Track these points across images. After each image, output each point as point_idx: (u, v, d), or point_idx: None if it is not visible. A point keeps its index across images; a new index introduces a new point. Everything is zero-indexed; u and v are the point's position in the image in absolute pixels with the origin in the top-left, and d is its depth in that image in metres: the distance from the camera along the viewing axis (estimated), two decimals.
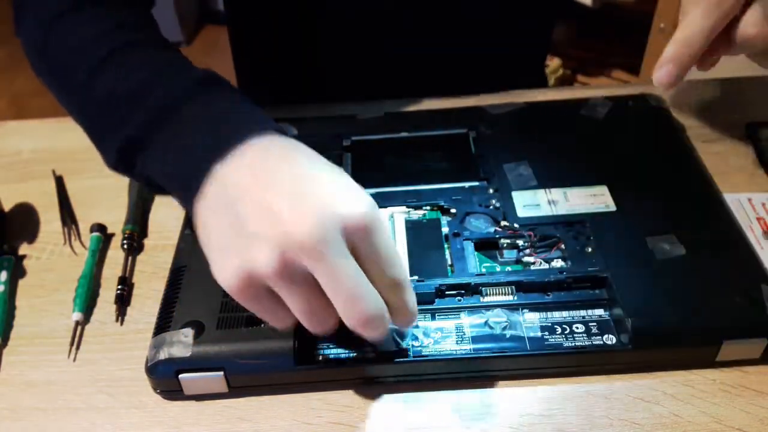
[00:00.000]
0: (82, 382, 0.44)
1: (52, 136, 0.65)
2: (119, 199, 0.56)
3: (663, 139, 0.55)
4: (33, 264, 0.53)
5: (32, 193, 0.59)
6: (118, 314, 0.48)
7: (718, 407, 0.40)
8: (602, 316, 0.43)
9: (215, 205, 0.36)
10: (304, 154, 0.38)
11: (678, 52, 0.41)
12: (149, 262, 0.52)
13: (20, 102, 2.11)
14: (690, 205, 0.49)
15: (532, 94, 0.64)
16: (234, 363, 0.41)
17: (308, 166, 0.37)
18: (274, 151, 0.37)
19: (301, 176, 0.35)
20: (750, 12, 0.39)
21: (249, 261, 0.34)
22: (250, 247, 0.34)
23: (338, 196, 0.35)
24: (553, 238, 0.47)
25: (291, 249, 0.33)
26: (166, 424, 0.42)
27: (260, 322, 0.42)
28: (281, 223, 0.33)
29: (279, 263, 0.33)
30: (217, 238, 0.36)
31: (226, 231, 0.35)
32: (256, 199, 0.35)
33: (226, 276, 0.35)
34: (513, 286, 0.44)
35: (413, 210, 0.50)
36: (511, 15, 0.71)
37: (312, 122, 0.60)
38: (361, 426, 0.41)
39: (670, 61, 0.41)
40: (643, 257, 0.45)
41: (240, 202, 0.35)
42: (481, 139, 0.56)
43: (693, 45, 0.40)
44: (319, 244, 0.33)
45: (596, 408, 0.41)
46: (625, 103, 0.58)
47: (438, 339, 0.42)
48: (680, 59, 0.41)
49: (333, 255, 0.33)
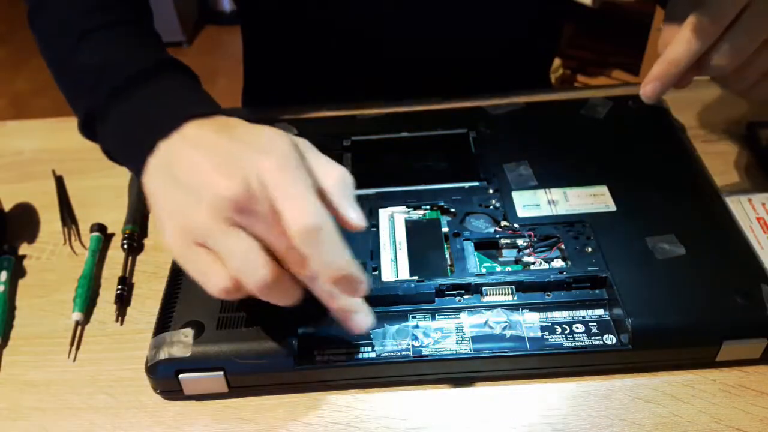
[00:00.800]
0: (82, 382, 0.44)
1: (52, 136, 0.66)
2: (119, 199, 0.56)
3: (663, 139, 0.55)
4: (33, 264, 0.53)
5: (32, 193, 0.59)
6: (118, 314, 0.48)
7: (718, 407, 0.40)
8: (602, 316, 0.43)
9: (156, 174, 0.39)
10: (242, 124, 0.39)
11: (665, 71, 0.46)
12: (149, 262, 0.52)
13: (20, 102, 2.11)
14: (690, 205, 0.49)
15: (532, 94, 0.64)
16: (234, 363, 0.41)
17: (242, 131, 0.38)
18: (212, 125, 0.39)
19: (231, 137, 0.37)
20: (722, 43, 0.45)
21: (184, 217, 0.36)
22: (185, 205, 0.36)
23: (257, 145, 0.36)
24: (553, 238, 0.47)
25: (219, 200, 0.35)
26: (166, 424, 0.42)
27: (260, 322, 0.42)
28: (209, 176, 0.35)
29: (210, 215, 0.35)
30: (161, 204, 0.38)
31: (166, 195, 0.37)
32: (186, 157, 0.37)
33: (167, 237, 0.37)
34: (513, 286, 0.44)
35: (413, 210, 0.50)
36: (519, 20, 0.71)
37: (312, 122, 0.60)
38: (361, 426, 0.41)
39: (657, 78, 0.47)
40: (643, 257, 0.45)
41: (175, 164, 0.37)
42: (481, 139, 0.56)
43: (678, 66, 0.46)
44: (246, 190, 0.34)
45: (596, 408, 0.41)
46: (625, 103, 0.58)
47: (438, 339, 0.42)
48: (666, 77, 0.46)
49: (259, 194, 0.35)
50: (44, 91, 2.03)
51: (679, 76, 0.46)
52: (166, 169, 0.38)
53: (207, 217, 0.35)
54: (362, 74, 0.71)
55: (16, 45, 2.38)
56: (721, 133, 0.59)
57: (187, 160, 0.37)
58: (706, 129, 0.59)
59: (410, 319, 0.43)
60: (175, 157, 0.38)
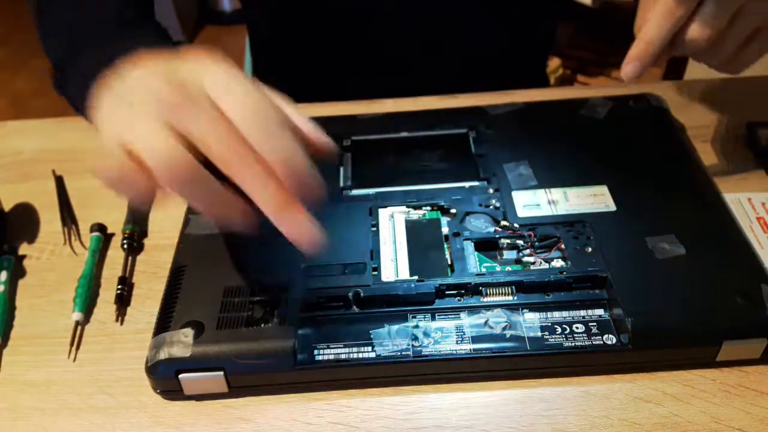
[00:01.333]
0: (82, 382, 0.44)
1: (52, 136, 0.65)
2: (119, 200, 0.56)
3: (663, 139, 0.55)
4: (33, 264, 0.53)
5: (32, 193, 0.59)
6: (118, 314, 0.48)
7: (718, 407, 0.40)
8: (602, 316, 0.43)
9: (100, 93, 0.38)
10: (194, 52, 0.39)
11: (642, 51, 0.47)
12: (149, 262, 0.52)
13: (20, 102, 2.11)
14: (690, 205, 0.49)
15: (532, 94, 0.64)
16: (234, 363, 0.41)
17: (191, 55, 0.37)
18: (161, 52, 0.39)
19: (176, 58, 0.37)
20: (694, 19, 0.46)
21: (120, 121, 0.35)
22: (122, 110, 0.36)
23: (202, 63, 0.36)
24: (553, 238, 0.47)
25: (157, 101, 0.34)
26: (166, 424, 0.42)
27: (260, 322, 0.42)
28: (149, 81, 0.35)
29: (145, 117, 0.34)
30: (102, 115, 0.37)
31: (109, 107, 0.37)
32: (129, 73, 0.37)
33: (102, 142, 0.36)
34: (513, 286, 0.44)
35: (413, 210, 0.50)
36: (513, 17, 0.71)
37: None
38: (361, 426, 0.41)
39: (636, 59, 0.47)
40: (643, 257, 0.45)
41: (118, 81, 0.37)
42: (481, 139, 0.56)
43: (654, 45, 0.47)
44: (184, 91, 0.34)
45: (596, 408, 0.41)
46: (625, 103, 0.58)
47: (438, 339, 0.42)
48: (644, 58, 0.47)
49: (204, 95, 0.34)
50: (44, 91, 2.03)
51: (657, 55, 0.48)
52: (111, 92, 0.38)
53: (142, 118, 0.34)
54: (362, 74, 0.71)
55: (16, 45, 2.38)
56: (721, 133, 0.59)
57: (129, 75, 0.37)
58: (706, 129, 0.59)
59: (410, 319, 0.43)
60: (120, 76, 0.38)
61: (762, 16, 0.45)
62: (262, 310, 0.43)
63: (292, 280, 0.45)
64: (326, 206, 0.50)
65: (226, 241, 0.48)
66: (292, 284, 0.44)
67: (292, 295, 0.44)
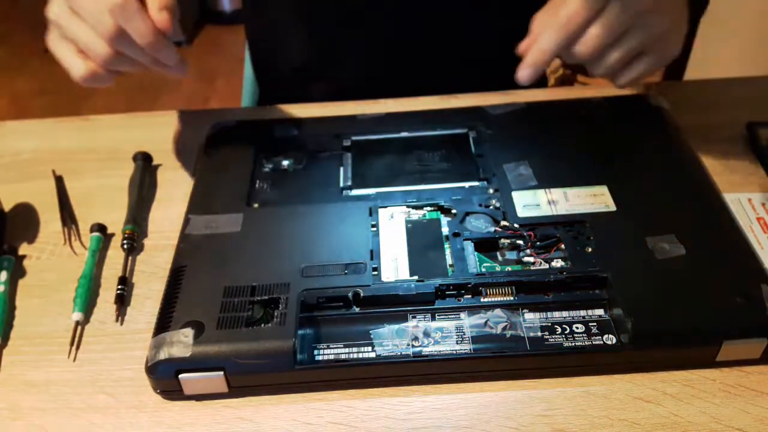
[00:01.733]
0: (82, 382, 0.44)
1: (52, 136, 0.66)
2: (119, 200, 0.56)
3: (663, 139, 0.55)
4: (33, 264, 0.53)
5: (32, 193, 0.59)
6: (118, 314, 0.48)
7: (718, 407, 0.40)
8: (602, 316, 0.43)
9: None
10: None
11: (537, 59, 0.50)
12: (149, 262, 0.52)
13: (20, 102, 2.11)
14: (690, 205, 0.49)
15: (532, 94, 0.64)
16: (234, 363, 0.41)
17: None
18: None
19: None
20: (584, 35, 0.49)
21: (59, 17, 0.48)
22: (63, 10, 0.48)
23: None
24: (553, 238, 0.47)
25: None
26: (166, 424, 0.42)
27: (260, 322, 0.42)
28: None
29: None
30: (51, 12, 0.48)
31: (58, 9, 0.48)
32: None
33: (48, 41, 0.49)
34: (513, 286, 0.44)
35: (413, 210, 0.50)
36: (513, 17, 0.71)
37: (312, 122, 0.60)
38: (361, 426, 0.41)
39: (530, 66, 0.51)
40: (643, 257, 0.45)
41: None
42: (481, 139, 0.56)
43: (548, 54, 0.50)
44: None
45: (596, 408, 0.41)
46: (625, 104, 0.58)
47: (438, 339, 0.42)
48: (538, 65, 0.51)
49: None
50: (44, 91, 2.03)
51: (548, 63, 0.51)
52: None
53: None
54: (362, 74, 0.71)
55: (16, 45, 2.38)
56: (721, 133, 0.59)
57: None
58: (706, 129, 0.59)
59: (410, 319, 0.43)
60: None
61: (647, 34, 0.49)
62: (261, 310, 0.43)
63: (292, 280, 0.45)
64: (326, 206, 0.51)
65: (226, 241, 0.48)
66: (292, 284, 0.44)
67: (291, 295, 0.44)
